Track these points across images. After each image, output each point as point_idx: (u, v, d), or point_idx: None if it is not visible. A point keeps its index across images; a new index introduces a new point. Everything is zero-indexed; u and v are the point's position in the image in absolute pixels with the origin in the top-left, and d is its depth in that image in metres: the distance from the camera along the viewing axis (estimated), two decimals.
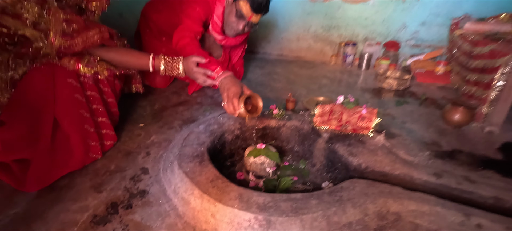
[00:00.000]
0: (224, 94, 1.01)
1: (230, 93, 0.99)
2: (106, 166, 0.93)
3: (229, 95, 0.99)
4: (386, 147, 0.97)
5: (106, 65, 0.93)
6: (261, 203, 0.72)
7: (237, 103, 0.97)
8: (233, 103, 0.97)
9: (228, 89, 1.00)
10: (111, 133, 0.99)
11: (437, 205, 0.75)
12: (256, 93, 1.02)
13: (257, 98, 1.02)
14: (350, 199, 0.74)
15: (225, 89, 1.01)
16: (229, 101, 0.99)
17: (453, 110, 1.15)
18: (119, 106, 1.08)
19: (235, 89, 0.99)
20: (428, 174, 0.87)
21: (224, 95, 1.01)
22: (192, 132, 1.03)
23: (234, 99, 0.97)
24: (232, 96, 0.98)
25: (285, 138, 1.15)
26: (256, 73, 1.89)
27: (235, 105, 0.97)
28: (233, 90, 0.99)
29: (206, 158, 0.89)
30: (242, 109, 0.96)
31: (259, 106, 1.03)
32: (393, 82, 1.61)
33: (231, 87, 1.00)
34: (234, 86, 1.00)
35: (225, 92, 1.00)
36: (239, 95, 0.99)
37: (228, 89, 1.00)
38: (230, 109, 0.99)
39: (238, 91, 0.99)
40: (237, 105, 0.97)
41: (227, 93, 1.00)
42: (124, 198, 0.80)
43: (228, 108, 1.00)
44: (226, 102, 1.00)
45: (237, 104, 0.97)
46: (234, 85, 1.01)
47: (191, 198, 0.76)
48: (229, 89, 0.99)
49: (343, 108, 1.07)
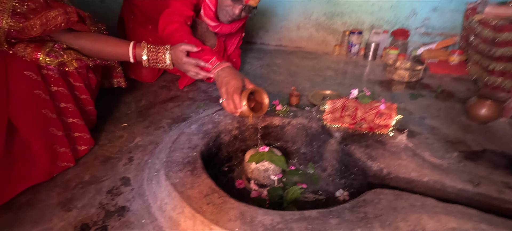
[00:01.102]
0: (223, 89, 0.84)
1: (230, 88, 0.82)
2: (79, 176, 0.77)
3: (228, 90, 0.83)
4: (410, 148, 0.83)
5: (76, 55, 0.76)
6: (268, 225, 0.57)
7: (238, 100, 0.81)
8: (234, 100, 0.81)
9: (227, 83, 0.84)
10: (86, 136, 0.83)
11: (481, 221, 0.62)
12: (261, 88, 0.86)
13: (262, 94, 0.86)
14: (377, 217, 0.61)
15: (224, 83, 0.84)
16: (229, 98, 0.82)
17: (479, 104, 1.02)
18: (98, 103, 0.92)
19: (235, 83, 0.83)
20: (462, 180, 0.74)
21: (223, 91, 0.84)
22: (182, 133, 0.88)
23: (235, 95, 0.81)
24: (232, 91, 0.82)
25: (290, 138, 1.01)
26: (254, 65, 1.73)
27: (236, 103, 0.81)
28: (233, 84, 0.83)
29: (199, 166, 0.74)
30: (245, 107, 0.80)
31: (265, 103, 0.86)
32: (404, 74, 1.47)
33: (231, 81, 0.83)
34: (234, 80, 0.84)
35: (224, 87, 0.84)
36: (241, 90, 0.83)
37: (227, 83, 0.84)
38: (231, 107, 0.83)
39: (239, 85, 0.83)
40: (239, 102, 0.81)
41: (226, 88, 0.83)
42: (98, 218, 0.65)
43: (227, 106, 0.83)
44: (226, 99, 0.83)
45: (238, 101, 0.81)
46: (234, 78, 0.84)
47: (181, 218, 0.61)
48: (228, 83, 0.83)
49: (358, 103, 0.93)
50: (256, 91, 0.86)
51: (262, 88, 0.87)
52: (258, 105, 0.88)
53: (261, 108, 0.86)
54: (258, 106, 0.88)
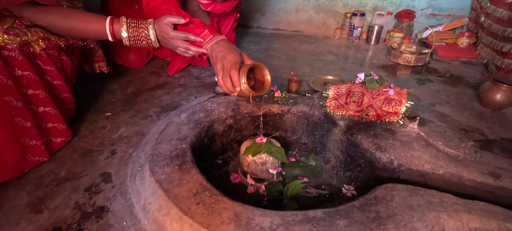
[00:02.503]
0: (218, 65, 0.74)
1: (226, 63, 0.72)
2: (54, 172, 0.69)
3: (225, 66, 0.72)
4: (422, 138, 0.75)
5: (43, 34, 0.66)
6: (267, 228, 0.50)
7: (237, 77, 0.70)
8: (232, 77, 0.71)
9: (223, 58, 0.73)
10: (62, 127, 0.74)
11: (507, 220, 0.54)
12: (261, 63, 0.76)
13: (263, 70, 0.75)
14: (391, 217, 0.53)
15: (219, 58, 0.74)
16: (225, 75, 0.72)
17: (494, 89, 0.94)
18: (79, 91, 0.83)
19: (233, 58, 0.72)
20: (482, 173, 0.66)
21: (218, 67, 0.74)
22: (171, 122, 0.79)
23: (232, 72, 0.70)
24: (229, 67, 0.71)
25: (290, 127, 0.93)
26: (250, 49, 1.63)
27: (234, 80, 0.71)
28: (231, 59, 0.72)
29: (188, 159, 0.65)
30: (245, 85, 0.70)
31: (267, 80, 0.76)
32: (410, 58, 1.38)
33: (228, 55, 0.73)
34: (231, 54, 0.73)
35: (220, 62, 0.73)
36: (239, 66, 0.73)
37: (223, 58, 0.73)
38: (228, 85, 0.72)
39: (237, 60, 0.73)
40: (238, 79, 0.70)
41: (222, 64, 0.73)
42: (72, 221, 0.57)
43: (224, 84, 0.73)
44: (222, 76, 0.73)
45: (237, 78, 0.70)
46: (231, 52, 0.74)
47: (167, 220, 0.53)
48: (224, 58, 0.73)
49: (364, 88, 0.84)
50: (257, 67, 0.76)
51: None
52: (259, 84, 0.79)
53: (262, 87, 0.76)
54: (258, 86, 0.79)
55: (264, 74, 0.77)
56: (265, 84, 0.77)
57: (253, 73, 0.81)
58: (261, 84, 0.78)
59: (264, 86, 0.77)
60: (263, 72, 0.76)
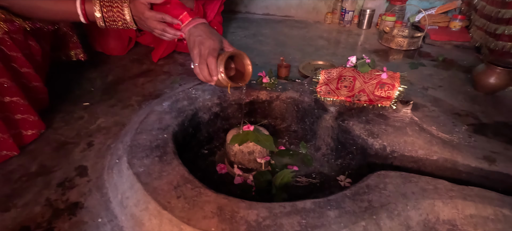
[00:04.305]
0: (195, 51, 0.68)
1: (204, 49, 0.66)
2: (25, 167, 0.64)
3: (202, 52, 0.66)
4: (416, 123, 0.72)
5: (5, 15, 0.59)
6: (253, 222, 0.46)
7: (214, 65, 0.65)
8: (209, 65, 0.65)
9: (201, 43, 0.67)
10: (33, 118, 0.68)
11: (504, 206, 0.52)
12: (242, 51, 0.71)
13: (245, 59, 0.70)
14: (384, 205, 0.50)
15: (197, 43, 0.68)
16: (202, 62, 0.66)
17: (489, 72, 0.91)
18: (54, 80, 0.77)
19: (211, 44, 0.66)
20: (476, 157, 0.64)
21: (195, 53, 0.67)
22: (152, 111, 0.75)
23: (210, 59, 0.64)
24: (207, 54, 0.65)
25: (279, 114, 0.89)
26: (238, 35, 1.57)
27: (212, 68, 0.65)
28: (209, 45, 0.66)
29: (170, 150, 0.61)
30: (222, 75, 0.65)
31: (248, 71, 0.70)
32: (402, 42, 1.35)
33: (206, 41, 0.67)
34: (210, 40, 0.67)
35: (197, 48, 0.67)
36: (218, 53, 0.67)
37: (201, 44, 0.67)
38: (205, 73, 0.66)
39: (216, 46, 0.67)
40: (215, 68, 0.65)
41: (199, 50, 0.67)
42: (42, 219, 0.53)
43: (201, 72, 0.67)
44: (198, 63, 0.67)
45: (214, 67, 0.65)
46: (210, 38, 0.68)
47: (145, 216, 0.49)
48: (202, 44, 0.67)
49: (356, 72, 0.81)
50: (237, 55, 0.70)
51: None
52: (239, 75, 0.73)
53: (242, 77, 0.71)
54: (239, 76, 0.73)
55: (245, 64, 0.70)
56: (245, 75, 0.71)
57: (234, 63, 0.76)
58: (242, 74, 0.72)
59: (244, 77, 0.71)
60: (244, 62, 0.70)
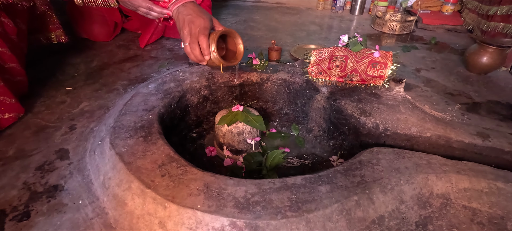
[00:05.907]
0: (185, 30, 0.65)
1: (195, 28, 0.64)
2: (1, 151, 0.60)
3: (193, 31, 0.64)
4: (409, 101, 0.71)
5: None
6: (241, 198, 0.44)
7: (206, 44, 0.63)
8: (201, 44, 0.63)
9: (191, 22, 0.65)
10: (10, 101, 0.65)
11: (497, 179, 0.51)
12: (233, 30, 0.68)
13: (236, 37, 0.68)
14: (377, 180, 0.49)
15: (187, 22, 0.65)
16: (193, 41, 0.64)
17: (481, 52, 0.91)
18: (35, 65, 0.73)
19: (202, 22, 0.64)
20: (470, 134, 0.63)
21: (185, 32, 0.65)
22: (137, 93, 0.71)
23: (201, 38, 0.63)
24: (197, 32, 0.63)
25: (270, 97, 0.87)
26: (229, 21, 1.54)
27: (203, 47, 0.63)
28: (199, 23, 0.64)
29: (155, 130, 0.58)
30: (214, 53, 0.63)
31: (239, 49, 0.69)
32: (395, 26, 1.34)
33: (196, 19, 0.65)
34: (201, 18, 0.65)
35: (187, 27, 0.65)
36: (209, 32, 0.65)
37: (191, 22, 0.65)
38: (196, 53, 0.64)
39: (207, 25, 0.65)
40: (207, 46, 0.63)
41: (189, 29, 0.65)
42: (19, 202, 0.50)
43: (192, 51, 0.65)
44: (189, 43, 0.64)
45: (206, 46, 0.63)
46: (200, 16, 0.65)
47: (128, 195, 0.47)
48: (192, 22, 0.65)
49: (348, 52, 0.79)
50: (228, 34, 0.68)
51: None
52: (231, 54, 0.71)
53: (234, 56, 0.69)
54: (230, 56, 0.71)
55: (237, 43, 0.68)
56: (237, 54, 0.69)
57: (225, 42, 0.73)
58: (233, 54, 0.70)
59: (236, 56, 0.69)
60: (236, 41, 0.68)
